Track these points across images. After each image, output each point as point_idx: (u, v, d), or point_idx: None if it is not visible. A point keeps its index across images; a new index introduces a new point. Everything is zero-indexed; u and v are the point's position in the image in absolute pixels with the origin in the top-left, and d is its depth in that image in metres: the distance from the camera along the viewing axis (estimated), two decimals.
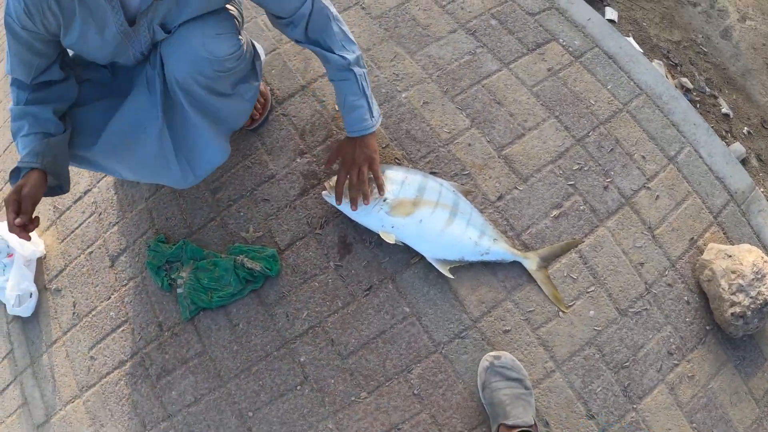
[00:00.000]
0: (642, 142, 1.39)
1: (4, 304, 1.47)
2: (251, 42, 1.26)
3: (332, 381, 1.22)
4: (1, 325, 1.53)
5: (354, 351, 1.23)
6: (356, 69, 1.16)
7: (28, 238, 1.01)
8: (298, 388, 1.22)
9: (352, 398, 1.20)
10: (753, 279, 1.22)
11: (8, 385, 1.46)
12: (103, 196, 1.49)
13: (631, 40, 1.62)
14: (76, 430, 1.34)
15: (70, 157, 1.12)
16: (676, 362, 1.23)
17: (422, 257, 1.27)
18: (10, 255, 1.46)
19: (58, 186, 1.09)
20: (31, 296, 1.44)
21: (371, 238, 1.31)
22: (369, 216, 1.26)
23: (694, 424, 1.19)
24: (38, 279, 1.48)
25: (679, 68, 1.70)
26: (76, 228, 1.49)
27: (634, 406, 1.18)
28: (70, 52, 1.13)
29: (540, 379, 1.19)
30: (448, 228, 1.25)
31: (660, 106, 1.43)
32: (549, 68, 1.46)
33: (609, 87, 1.44)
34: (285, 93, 1.48)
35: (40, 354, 1.42)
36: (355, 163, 1.22)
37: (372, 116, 1.21)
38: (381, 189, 1.24)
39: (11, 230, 0.98)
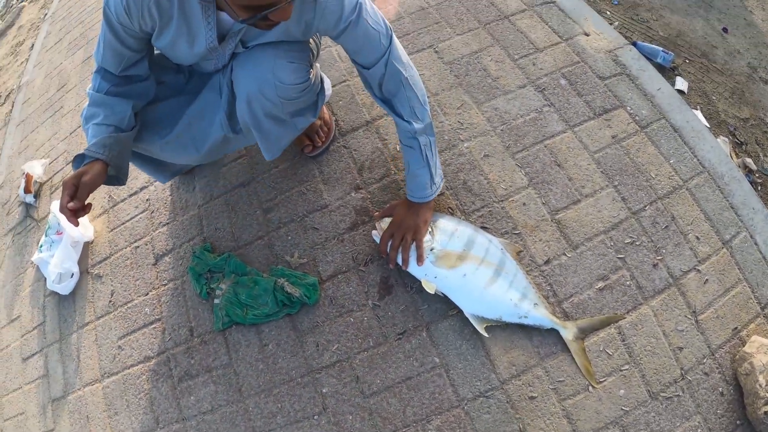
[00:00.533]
0: (698, 222, 1.35)
1: (45, 278, 1.53)
2: (321, 77, 1.29)
3: (350, 417, 1.21)
4: (38, 297, 1.59)
5: (377, 392, 1.22)
6: (422, 138, 1.17)
7: (76, 224, 1.03)
8: (315, 417, 1.22)
9: None
10: None
11: (33, 355, 1.52)
12: (158, 196, 1.54)
13: (698, 113, 1.59)
14: (89, 411, 1.38)
15: (137, 153, 1.19)
16: None
17: (460, 311, 1.25)
18: (59, 233, 1.53)
19: (116, 178, 1.12)
20: (72, 276, 1.50)
21: (413, 283, 1.30)
22: (414, 263, 1.26)
23: None
24: (82, 261, 1.54)
25: (744, 147, 1.65)
26: (127, 221, 1.55)
27: None
28: (156, 51, 1.19)
29: None
30: (490, 286, 1.24)
31: (721, 186, 1.39)
32: (613, 135, 1.44)
33: (671, 161, 1.41)
34: (349, 126, 1.51)
35: (70, 333, 1.47)
36: (400, 228, 1.25)
37: (432, 185, 1.23)
38: (420, 259, 1.24)
39: (62, 211, 1.01)
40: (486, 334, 1.23)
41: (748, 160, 1.56)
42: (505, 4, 1.69)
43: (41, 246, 1.57)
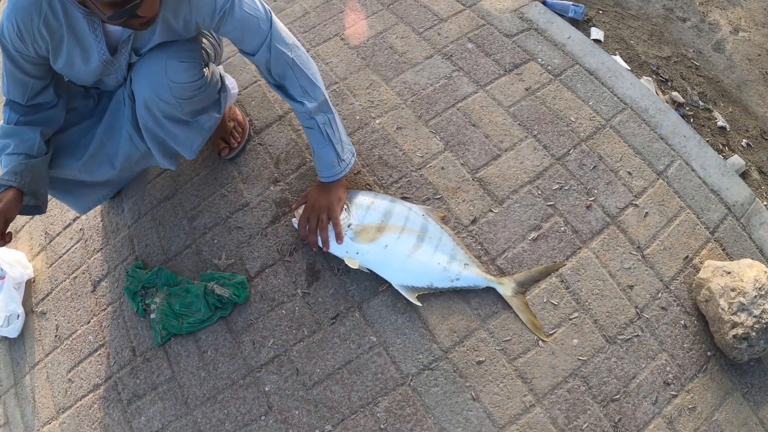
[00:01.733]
0: (628, 158, 1.29)
1: None
2: (221, 76, 1.29)
3: (297, 412, 1.15)
4: None
5: (319, 381, 1.16)
6: (318, 117, 1.16)
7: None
8: (263, 418, 1.16)
9: (317, 430, 1.13)
10: (756, 296, 1.08)
11: None
12: (90, 223, 1.54)
13: (618, 58, 1.54)
14: None
15: (56, 182, 1.19)
16: (674, 393, 1.09)
17: (390, 285, 1.20)
18: (2, 277, 1.51)
19: (35, 206, 1.12)
20: (18, 317, 1.48)
21: (339, 265, 1.26)
22: (334, 243, 1.23)
23: None
24: (26, 302, 1.52)
25: (669, 84, 1.58)
26: (64, 253, 1.54)
27: None
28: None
29: (518, 415, 1.07)
30: (414, 253, 1.19)
31: (646, 119, 1.34)
32: (527, 88, 1.41)
33: (591, 103, 1.37)
34: (263, 123, 1.50)
35: (23, 375, 1.45)
36: (314, 209, 1.23)
37: (340, 161, 1.21)
38: (339, 237, 1.22)
39: None
40: (419, 304, 1.17)
41: (675, 94, 1.50)
42: None
43: None
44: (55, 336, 1.43)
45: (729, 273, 1.12)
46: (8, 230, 1.06)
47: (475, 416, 1.08)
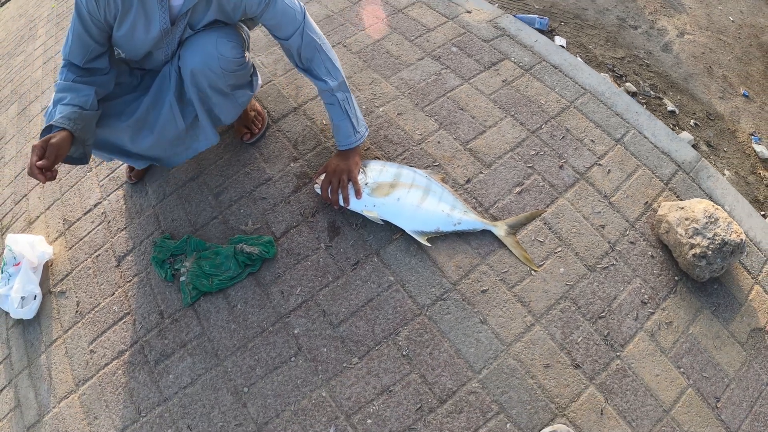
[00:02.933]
0: (590, 129, 1.79)
1: (7, 313, 1.77)
2: (253, 64, 1.73)
3: (325, 350, 1.46)
4: (0, 332, 1.80)
5: (344, 319, 1.49)
6: (339, 94, 1.59)
7: (44, 181, 1.29)
8: (293, 359, 1.46)
9: (344, 364, 1.43)
10: (707, 222, 1.50)
11: (1, 390, 1.69)
12: (112, 207, 1.88)
13: (578, 59, 2.15)
14: (68, 426, 1.53)
15: (104, 142, 1.54)
16: (651, 311, 1.47)
17: (403, 233, 1.59)
18: (16, 264, 1.77)
19: (79, 158, 1.42)
20: (35, 298, 1.73)
21: (357, 221, 1.64)
22: (354, 199, 1.62)
23: (682, 369, 1.39)
24: (43, 284, 1.79)
25: (624, 78, 2.19)
26: (85, 236, 1.85)
27: (617, 354, 1.40)
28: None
29: (521, 333, 1.42)
30: (422, 203, 1.60)
31: (603, 101, 1.86)
32: (503, 80, 1.93)
33: (557, 90, 1.89)
34: (279, 114, 1.94)
35: (38, 355, 1.68)
36: (336, 173, 1.63)
37: (356, 132, 1.63)
38: (358, 193, 1.62)
39: (31, 172, 1.28)
40: (429, 245, 1.55)
41: (628, 85, 2.09)
42: (397, 1, 2.30)
43: None
44: (76, 312, 1.70)
45: (682, 208, 1.55)
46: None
47: (485, 337, 1.43)
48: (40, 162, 1.27)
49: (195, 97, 1.55)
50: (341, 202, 1.62)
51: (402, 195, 1.61)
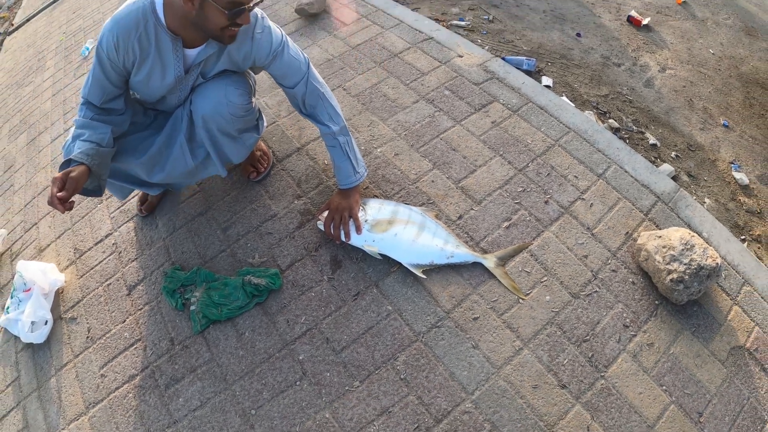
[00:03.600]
0: (573, 166, 2.05)
1: (17, 337, 1.96)
2: (259, 108, 2.00)
3: (328, 374, 1.67)
4: (9, 356, 2.00)
5: (346, 346, 1.71)
6: (340, 138, 1.85)
7: (63, 211, 1.50)
8: (298, 383, 1.67)
9: (347, 388, 1.64)
10: (683, 249, 1.73)
11: (9, 412, 1.87)
12: (123, 238, 2.13)
13: (564, 98, 2.43)
14: None
15: (118, 173, 1.80)
16: (633, 333, 1.68)
17: (400, 266, 1.83)
18: (27, 290, 1.98)
19: (94, 190, 1.66)
20: (46, 323, 1.95)
21: (357, 255, 1.88)
22: (354, 234, 1.88)
23: (664, 387, 1.59)
24: (54, 311, 2.01)
25: (607, 115, 2.49)
26: (96, 265, 2.08)
27: (602, 374, 1.60)
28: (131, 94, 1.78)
29: (511, 356, 1.64)
30: (418, 239, 1.84)
31: (586, 138, 2.13)
32: (493, 121, 2.21)
33: (542, 129, 2.17)
34: (284, 154, 2.21)
35: (48, 378, 1.87)
36: (338, 210, 1.88)
37: (356, 173, 1.89)
38: (359, 229, 1.87)
39: (51, 202, 1.49)
40: (424, 277, 1.79)
41: (611, 121, 2.40)
42: (393, 46, 2.64)
43: (7, 308, 1.99)
44: (87, 337, 1.91)
45: (660, 237, 1.79)
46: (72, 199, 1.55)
47: (477, 360, 1.64)
48: (60, 194, 1.49)
49: (206, 140, 1.81)
50: (343, 238, 1.87)
51: (399, 231, 1.87)
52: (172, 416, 1.70)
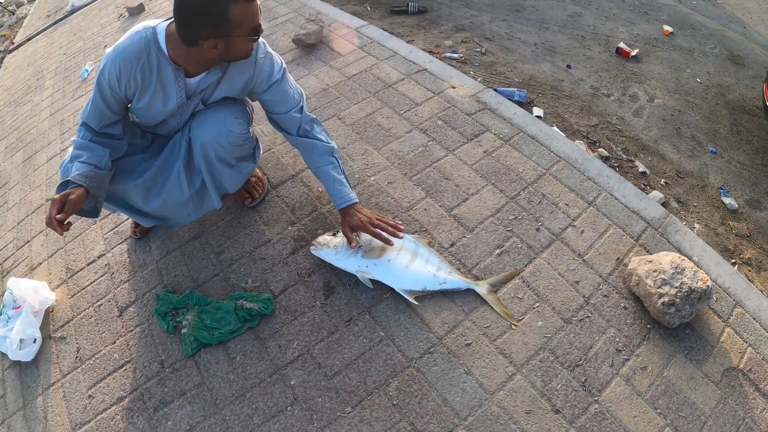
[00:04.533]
0: (564, 194, 2.11)
1: (4, 354, 1.96)
2: (256, 137, 2.06)
3: (319, 400, 1.68)
4: None
5: (338, 371, 1.72)
6: (336, 155, 1.89)
7: (62, 233, 1.54)
8: (289, 408, 1.67)
9: (338, 413, 1.64)
10: (674, 273, 1.77)
11: None
12: (116, 259, 2.15)
13: (555, 128, 2.51)
14: None
15: (114, 196, 1.82)
16: (626, 357, 1.71)
17: (393, 292, 1.86)
18: (16, 307, 1.99)
19: (90, 211, 1.68)
20: (35, 342, 1.95)
21: (350, 281, 1.91)
22: (349, 260, 1.90)
23: (659, 410, 1.61)
24: (43, 329, 2.01)
25: (597, 144, 2.57)
26: (87, 285, 2.10)
27: (595, 398, 1.62)
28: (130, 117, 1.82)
29: (503, 382, 1.65)
30: (411, 265, 1.88)
31: (577, 167, 2.20)
32: (485, 150, 2.27)
33: (533, 159, 2.23)
34: (278, 180, 2.26)
35: (35, 397, 1.87)
36: (370, 219, 1.87)
37: (353, 190, 1.90)
38: (396, 227, 1.89)
39: (49, 223, 1.53)
40: (416, 303, 1.82)
41: (601, 150, 2.47)
42: (388, 77, 2.73)
43: None
44: (76, 357, 1.91)
45: (651, 261, 1.84)
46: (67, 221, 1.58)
47: (470, 386, 1.66)
48: (59, 216, 1.53)
49: (203, 167, 1.85)
50: (388, 235, 1.86)
51: (393, 257, 1.90)
52: None
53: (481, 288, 1.86)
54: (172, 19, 1.63)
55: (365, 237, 1.95)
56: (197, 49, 1.59)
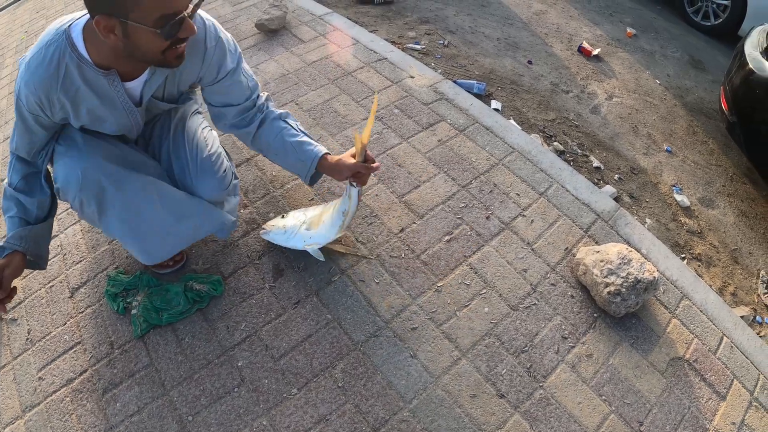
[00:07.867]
0: (516, 185, 2.16)
1: None
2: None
3: (266, 381, 1.69)
4: None
5: (285, 353, 1.73)
6: (290, 119, 1.79)
7: (5, 311, 1.49)
8: (236, 390, 1.68)
9: (284, 395, 1.65)
10: (620, 263, 1.83)
11: None
12: (68, 240, 2.12)
13: (512, 121, 2.58)
14: None
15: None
16: (572, 344, 1.76)
17: (341, 276, 1.89)
18: None
19: (36, 263, 1.60)
20: None
21: (299, 264, 1.93)
22: (296, 238, 1.90)
23: (603, 397, 1.66)
24: None
25: (553, 138, 2.64)
26: None
27: (540, 384, 1.67)
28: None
29: (449, 366, 1.69)
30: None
31: (530, 158, 2.25)
32: (439, 139, 2.30)
33: (487, 149, 2.27)
34: (233, 163, 2.26)
35: None
36: (356, 165, 1.69)
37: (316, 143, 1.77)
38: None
39: None
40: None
41: (556, 144, 2.54)
42: (348, 65, 2.74)
43: None
44: (27, 339, 1.88)
45: (598, 252, 1.89)
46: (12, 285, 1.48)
47: (415, 370, 1.69)
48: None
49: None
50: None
51: (326, 218, 1.91)
52: (109, 421, 1.68)
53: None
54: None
55: (301, 214, 1.97)
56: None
